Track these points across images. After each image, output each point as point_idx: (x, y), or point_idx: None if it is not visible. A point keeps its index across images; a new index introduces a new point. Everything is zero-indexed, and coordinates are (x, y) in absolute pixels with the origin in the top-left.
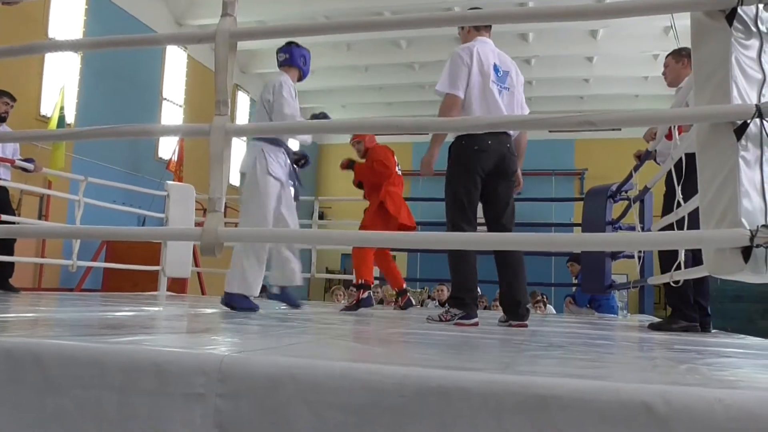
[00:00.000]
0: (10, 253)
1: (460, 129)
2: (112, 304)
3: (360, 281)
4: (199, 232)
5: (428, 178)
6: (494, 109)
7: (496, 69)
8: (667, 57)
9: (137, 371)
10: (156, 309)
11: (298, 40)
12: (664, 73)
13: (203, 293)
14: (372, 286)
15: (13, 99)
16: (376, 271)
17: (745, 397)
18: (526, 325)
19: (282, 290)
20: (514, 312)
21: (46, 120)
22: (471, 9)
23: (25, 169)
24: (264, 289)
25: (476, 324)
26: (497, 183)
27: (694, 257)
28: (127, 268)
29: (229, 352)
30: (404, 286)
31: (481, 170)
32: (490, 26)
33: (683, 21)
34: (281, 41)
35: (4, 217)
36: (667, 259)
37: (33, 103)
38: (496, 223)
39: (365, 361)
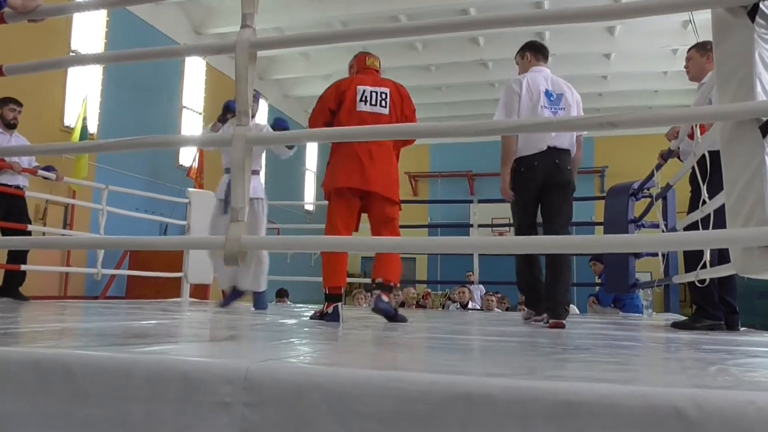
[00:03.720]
0: (23, 261)
1: (478, 133)
2: (136, 312)
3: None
4: (223, 241)
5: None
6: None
7: (548, 94)
8: (690, 50)
9: (164, 381)
10: (180, 316)
11: (314, 46)
12: (686, 67)
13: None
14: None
15: (19, 104)
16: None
17: None
18: (563, 325)
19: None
20: (553, 310)
21: (69, 131)
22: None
23: (47, 178)
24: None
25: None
26: (550, 193)
27: (720, 254)
28: (150, 275)
29: (255, 360)
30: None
31: (532, 186)
32: (547, 55)
33: (702, 15)
34: (300, 48)
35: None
36: (693, 258)
37: (57, 114)
38: (549, 227)
39: (390, 368)
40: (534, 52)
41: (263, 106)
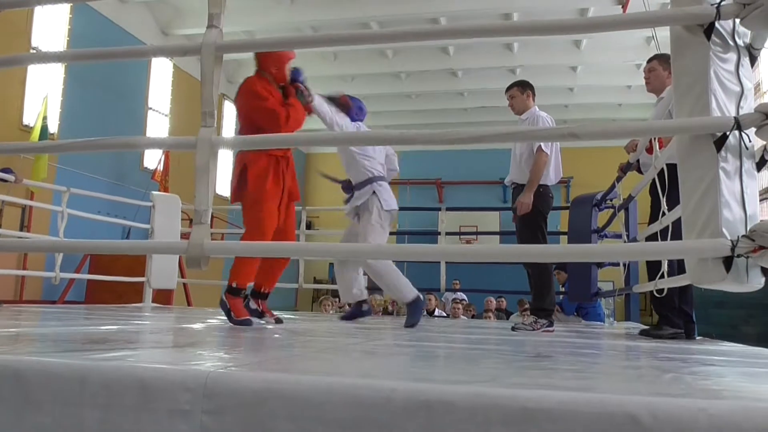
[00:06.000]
0: None
1: (446, 142)
2: (95, 318)
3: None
4: (185, 246)
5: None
6: (558, 165)
7: None
8: (652, 61)
9: (121, 388)
10: (141, 322)
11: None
12: (646, 78)
13: (189, 304)
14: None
15: None
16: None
17: (728, 406)
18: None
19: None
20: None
21: (28, 130)
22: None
23: (4, 180)
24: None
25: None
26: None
27: (679, 264)
28: (111, 279)
29: (215, 367)
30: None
31: (548, 211)
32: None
33: (665, 32)
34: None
35: None
36: (654, 267)
37: (15, 112)
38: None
39: (352, 375)
40: (533, 93)
41: (231, 109)
